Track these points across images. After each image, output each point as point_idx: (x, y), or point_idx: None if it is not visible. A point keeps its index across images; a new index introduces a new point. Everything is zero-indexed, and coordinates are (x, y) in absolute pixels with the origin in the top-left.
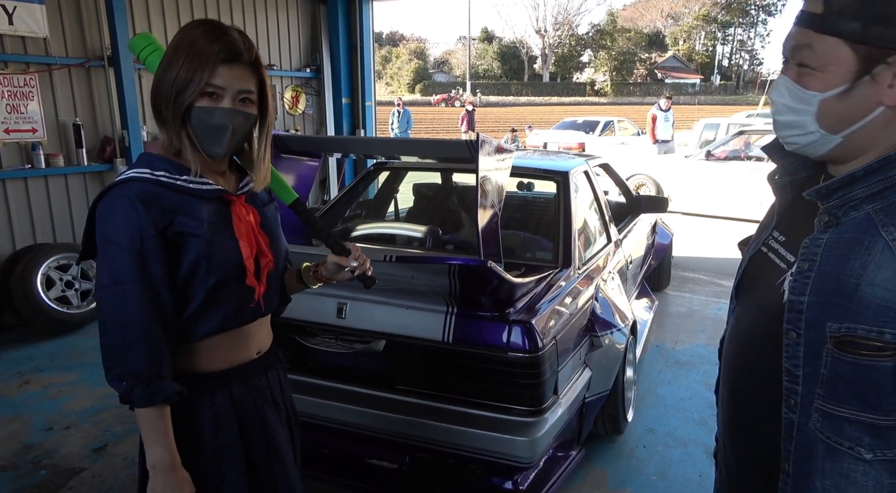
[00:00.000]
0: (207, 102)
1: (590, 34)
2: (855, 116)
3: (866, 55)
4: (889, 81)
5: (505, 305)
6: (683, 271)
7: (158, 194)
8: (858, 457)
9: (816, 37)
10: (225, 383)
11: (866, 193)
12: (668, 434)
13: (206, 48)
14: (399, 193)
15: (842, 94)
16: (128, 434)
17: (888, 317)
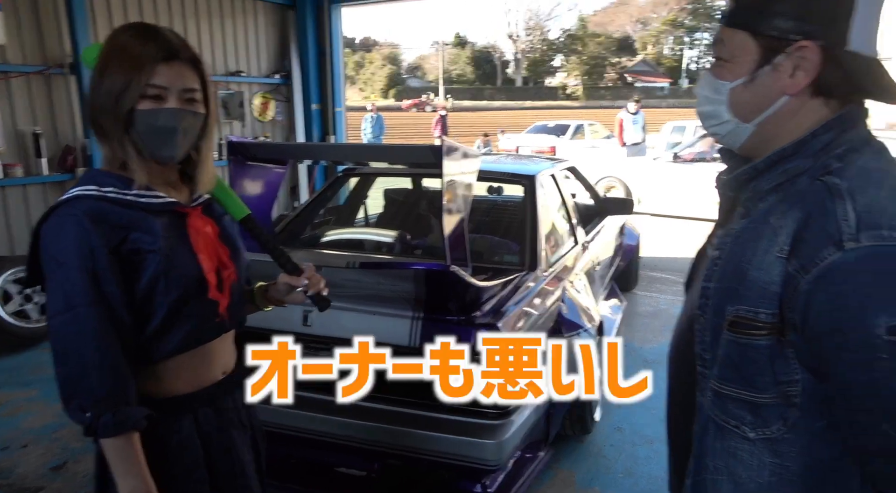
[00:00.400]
0: (151, 105)
1: (561, 39)
2: (762, 105)
3: (767, 46)
4: (790, 72)
5: (471, 308)
6: (651, 271)
7: (108, 211)
8: (743, 436)
9: (728, 31)
10: (189, 407)
11: (770, 185)
12: (635, 432)
13: (141, 49)
14: (369, 198)
15: (747, 82)
16: (88, 452)
17: (764, 298)
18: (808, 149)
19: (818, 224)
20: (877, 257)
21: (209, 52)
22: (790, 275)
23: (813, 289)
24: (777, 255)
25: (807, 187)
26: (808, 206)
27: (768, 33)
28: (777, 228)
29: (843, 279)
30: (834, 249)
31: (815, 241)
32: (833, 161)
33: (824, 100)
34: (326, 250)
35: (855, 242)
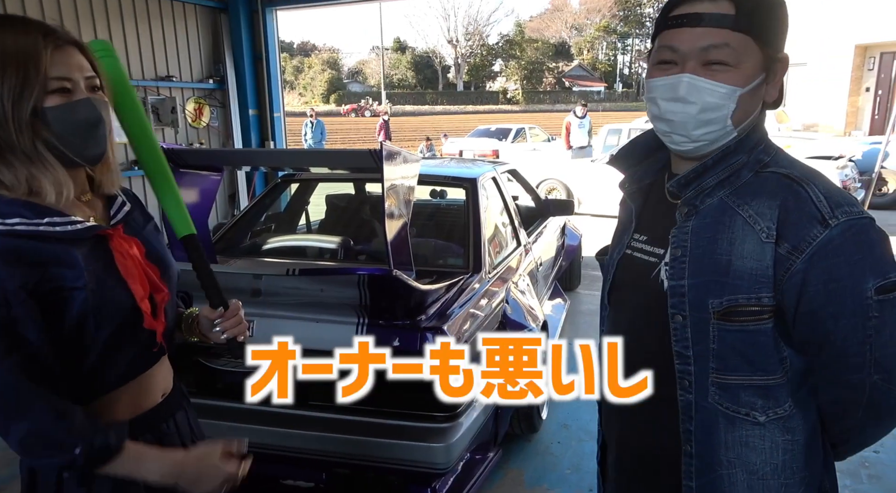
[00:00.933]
0: (61, 99)
1: (500, 44)
2: (751, 112)
3: (767, 56)
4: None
5: (416, 312)
6: (594, 270)
7: (19, 248)
8: (754, 422)
9: (732, 35)
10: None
11: (715, 181)
12: (581, 428)
13: (25, 40)
14: (311, 204)
15: (753, 89)
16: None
17: (761, 283)
18: (746, 145)
19: (799, 208)
20: (851, 229)
21: (136, 56)
22: (781, 257)
23: (808, 267)
24: (764, 240)
25: (756, 179)
26: (778, 194)
27: (770, 44)
28: (749, 217)
29: (833, 253)
30: (821, 227)
31: (801, 223)
32: (762, 155)
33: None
34: (267, 257)
35: (836, 219)
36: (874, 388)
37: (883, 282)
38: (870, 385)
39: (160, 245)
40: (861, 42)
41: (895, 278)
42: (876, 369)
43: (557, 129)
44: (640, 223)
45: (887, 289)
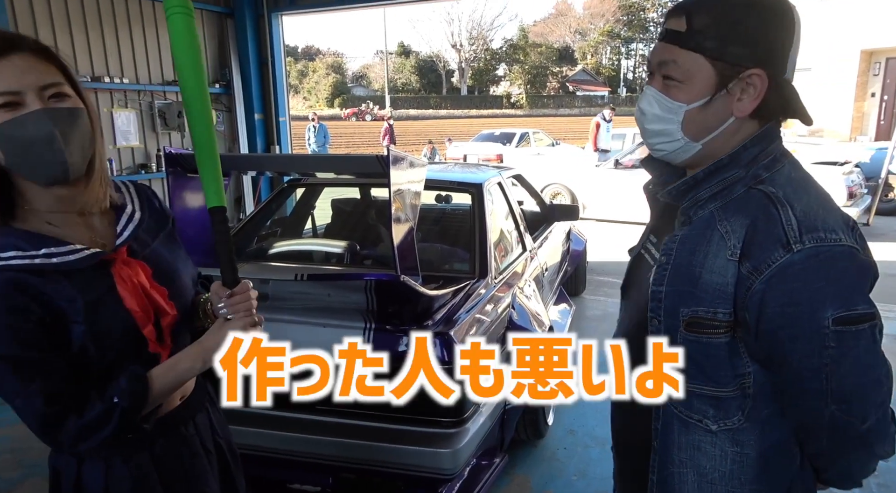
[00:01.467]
0: (6, 114)
1: (503, 49)
2: (713, 126)
3: (724, 72)
4: (738, 95)
5: (422, 317)
6: (598, 275)
7: (19, 282)
8: (707, 429)
9: (680, 52)
10: (143, 442)
11: (709, 194)
12: (587, 434)
13: None
14: (317, 209)
15: (704, 105)
16: (24, 480)
17: (721, 299)
18: (741, 160)
19: (766, 229)
20: (818, 257)
21: (144, 60)
22: (743, 276)
23: (766, 288)
24: (729, 258)
25: (745, 195)
26: (753, 212)
27: (726, 59)
28: (725, 233)
29: (793, 277)
30: (783, 251)
31: (765, 244)
32: (762, 171)
33: (758, 119)
34: (274, 262)
35: (801, 244)
36: (833, 418)
37: (844, 313)
38: (829, 415)
39: (172, 256)
40: (867, 47)
41: (860, 311)
42: (833, 400)
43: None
44: (655, 226)
45: (848, 321)
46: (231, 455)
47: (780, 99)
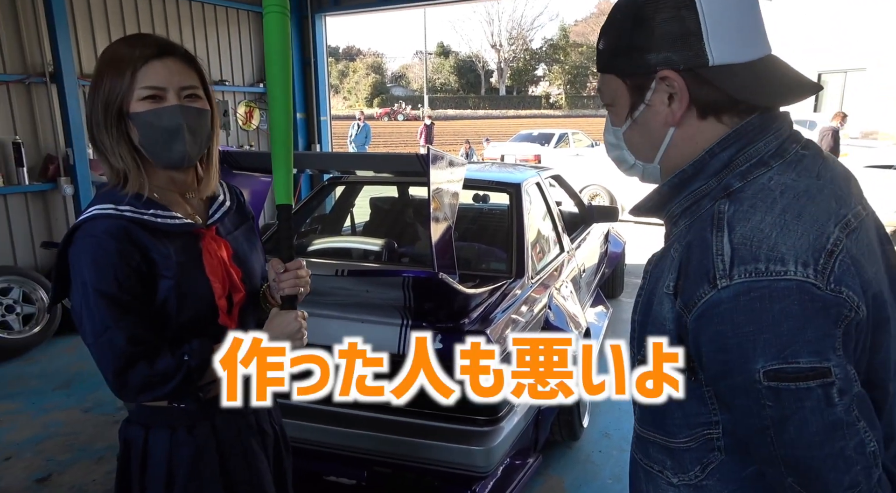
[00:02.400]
0: (150, 105)
1: (543, 49)
2: (655, 142)
3: (634, 85)
4: (666, 103)
5: (459, 316)
6: (636, 278)
7: (128, 230)
8: (668, 481)
9: (602, 77)
10: (206, 414)
11: (680, 209)
12: (623, 438)
13: (129, 51)
14: (355, 207)
15: (632, 124)
16: (74, 463)
17: (663, 334)
18: (708, 168)
19: (696, 259)
20: (749, 295)
21: None
22: (678, 313)
23: (697, 328)
24: (665, 291)
25: (704, 212)
26: (691, 237)
27: (630, 72)
28: (673, 259)
29: (719, 319)
30: (708, 287)
31: (694, 277)
32: (735, 180)
33: (716, 119)
34: (314, 258)
35: (727, 280)
36: (790, 490)
37: (777, 366)
38: (787, 486)
39: (249, 246)
40: None
41: (800, 365)
42: (787, 471)
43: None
44: None
45: (784, 376)
46: (283, 441)
47: (717, 91)
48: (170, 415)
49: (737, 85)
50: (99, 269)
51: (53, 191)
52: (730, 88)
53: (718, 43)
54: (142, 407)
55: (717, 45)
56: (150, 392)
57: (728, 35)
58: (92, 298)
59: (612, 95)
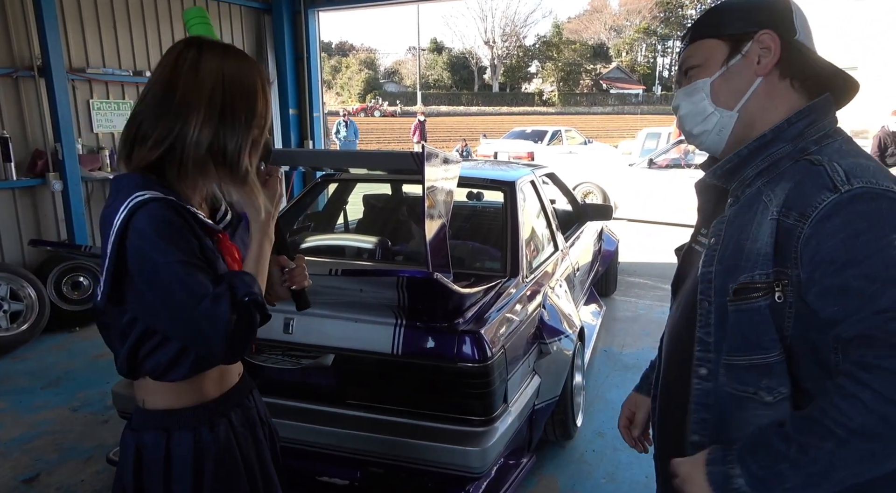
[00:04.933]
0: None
1: (537, 45)
2: (741, 89)
3: (733, 41)
4: (757, 58)
5: (453, 315)
6: (629, 276)
7: (181, 212)
8: (762, 402)
9: (693, 46)
10: (223, 411)
11: (755, 171)
12: (617, 437)
13: (256, 79)
14: (348, 204)
15: (724, 73)
16: (62, 462)
17: (759, 262)
18: (786, 134)
19: (810, 182)
20: (869, 194)
21: None
22: (788, 228)
23: (817, 230)
24: (770, 218)
25: (792, 167)
26: (797, 176)
27: (731, 32)
28: (768, 201)
29: (847, 211)
30: (829, 192)
31: (810, 191)
32: (811, 145)
33: (790, 83)
34: (306, 256)
35: (849, 185)
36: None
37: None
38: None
39: (244, 246)
40: None
41: None
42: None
43: (594, 131)
44: (703, 217)
45: None
46: (274, 431)
47: (798, 56)
48: (190, 416)
49: (812, 59)
50: (173, 242)
51: (42, 187)
52: (808, 57)
53: (800, 25)
54: (155, 411)
55: (800, 27)
56: (251, 340)
57: (804, 24)
58: (177, 272)
59: (704, 56)
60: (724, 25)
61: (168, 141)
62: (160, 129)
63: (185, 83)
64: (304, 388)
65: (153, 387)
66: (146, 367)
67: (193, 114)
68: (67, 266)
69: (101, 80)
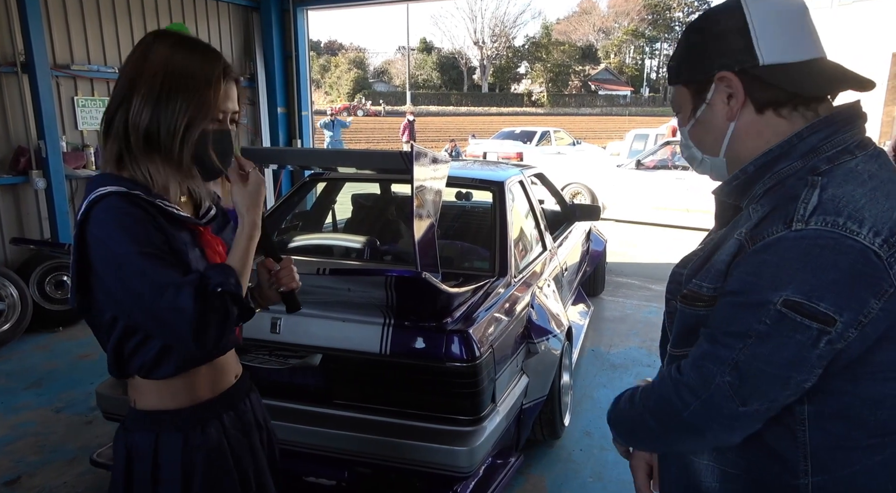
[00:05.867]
0: (216, 125)
1: (526, 46)
2: (718, 137)
3: (695, 89)
4: (726, 101)
5: (442, 315)
6: (617, 276)
7: (144, 205)
8: None
9: (672, 89)
10: (215, 412)
11: (763, 189)
12: (604, 437)
13: (210, 69)
14: (337, 203)
15: (696, 122)
16: (45, 464)
17: (710, 274)
18: (795, 150)
19: (781, 207)
20: (815, 240)
21: None
22: (741, 245)
23: (748, 256)
24: (736, 237)
25: (791, 187)
26: (781, 199)
27: (692, 78)
28: (750, 217)
29: (773, 251)
30: (782, 226)
31: (772, 219)
32: (822, 163)
33: (774, 113)
34: (294, 255)
35: (803, 224)
36: (719, 387)
37: (797, 300)
38: (720, 383)
39: None
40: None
41: (820, 308)
42: (732, 372)
43: (582, 132)
44: (718, 225)
45: (799, 309)
46: (272, 436)
47: (771, 84)
48: (179, 418)
49: (787, 80)
50: (132, 234)
51: (25, 184)
52: (782, 82)
53: (767, 44)
54: (144, 412)
55: (766, 47)
56: (226, 331)
57: (775, 38)
58: (137, 264)
59: (679, 102)
60: (681, 72)
61: (115, 124)
62: (109, 112)
63: (132, 68)
64: (291, 388)
65: (143, 387)
66: (133, 365)
67: (136, 97)
68: (51, 265)
69: (85, 77)
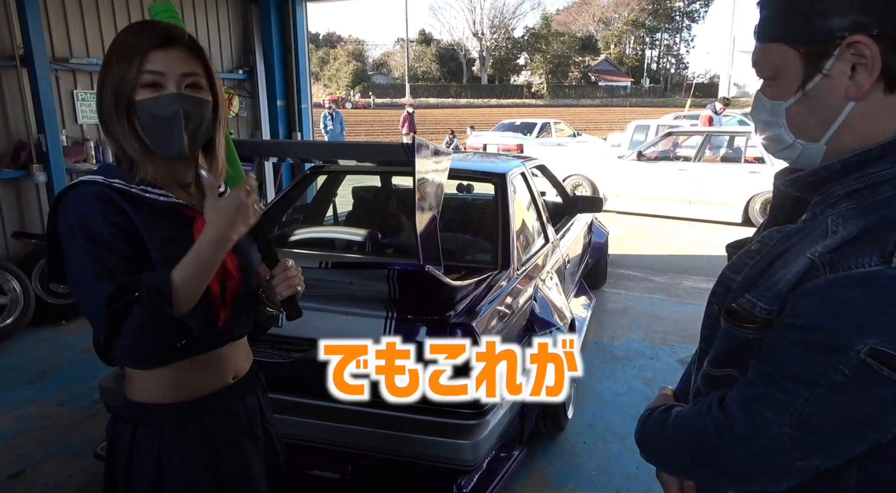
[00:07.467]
0: (150, 93)
1: (525, 37)
2: (828, 119)
3: (808, 53)
4: (848, 73)
5: (445, 308)
6: (619, 268)
7: (110, 196)
8: None
9: (762, 47)
10: (195, 413)
11: (845, 191)
12: (607, 429)
13: (135, 39)
14: (338, 196)
15: (802, 99)
16: (49, 458)
17: (769, 293)
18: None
19: (877, 235)
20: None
21: None
22: (813, 267)
23: (824, 285)
24: (808, 255)
25: (888, 197)
26: (877, 215)
27: (807, 38)
28: (831, 232)
29: (863, 290)
30: (878, 259)
31: (861, 245)
32: None
33: None
34: (296, 249)
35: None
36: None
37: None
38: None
39: (248, 242)
40: None
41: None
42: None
43: (583, 123)
44: (772, 219)
45: (882, 360)
46: (278, 443)
47: None
48: (157, 413)
49: None
50: (84, 226)
51: (26, 178)
52: None
53: None
54: (129, 402)
55: None
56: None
57: None
58: (78, 261)
59: (775, 67)
60: (786, 25)
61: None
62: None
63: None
64: (293, 381)
65: (131, 376)
66: (115, 353)
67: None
68: None
69: (84, 71)
